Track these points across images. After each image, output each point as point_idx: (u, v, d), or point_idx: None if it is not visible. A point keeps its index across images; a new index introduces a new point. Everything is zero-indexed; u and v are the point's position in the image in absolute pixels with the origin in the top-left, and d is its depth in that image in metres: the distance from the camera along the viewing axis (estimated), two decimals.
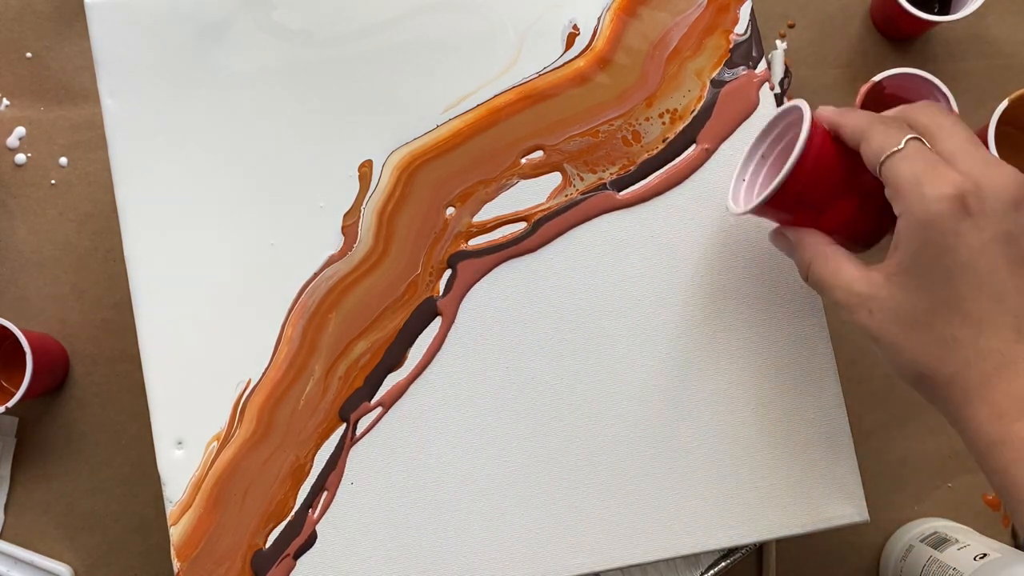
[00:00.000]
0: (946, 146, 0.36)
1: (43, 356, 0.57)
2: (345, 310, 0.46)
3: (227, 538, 0.45)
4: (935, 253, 0.34)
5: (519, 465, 0.46)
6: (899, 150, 0.36)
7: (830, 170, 0.39)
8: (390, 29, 0.48)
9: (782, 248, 0.41)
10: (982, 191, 0.34)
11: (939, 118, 0.37)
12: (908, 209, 0.35)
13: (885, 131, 0.37)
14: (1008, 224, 0.34)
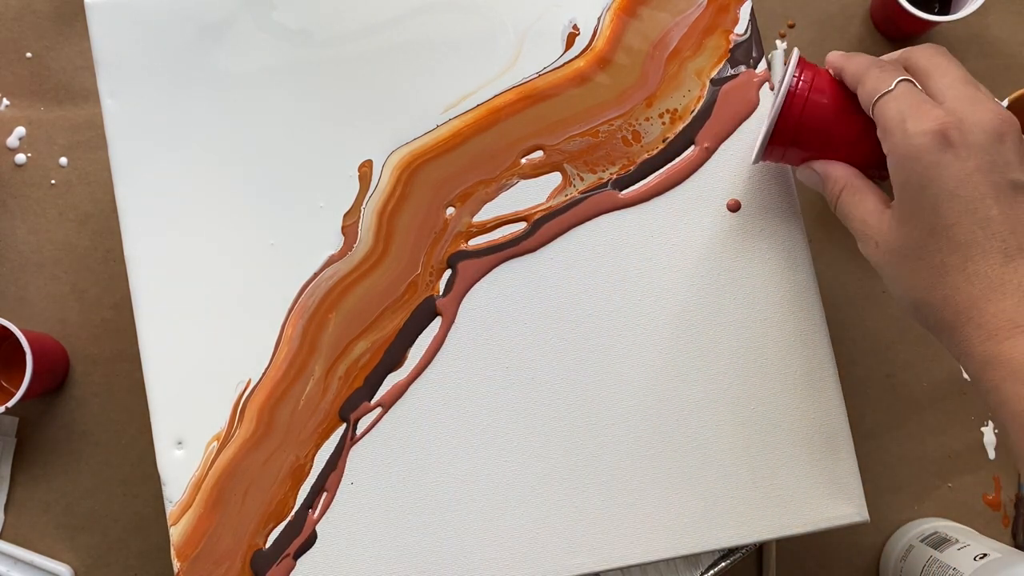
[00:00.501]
0: (938, 85, 0.38)
1: (43, 356, 0.57)
2: (345, 310, 0.46)
3: (227, 538, 0.45)
4: (920, 184, 0.36)
5: (519, 465, 0.46)
6: (889, 91, 0.38)
7: (834, 109, 0.41)
8: (390, 29, 0.48)
9: (810, 182, 0.42)
10: (964, 125, 0.35)
11: (935, 58, 0.39)
12: (893, 146, 0.37)
13: (879, 74, 0.39)
14: (991, 155, 0.35)
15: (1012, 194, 0.35)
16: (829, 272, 0.62)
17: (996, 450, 0.61)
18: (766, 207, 0.47)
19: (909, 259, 0.37)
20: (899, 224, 0.37)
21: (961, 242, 0.35)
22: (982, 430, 0.61)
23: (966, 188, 0.35)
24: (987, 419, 0.62)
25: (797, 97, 0.42)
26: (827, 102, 0.42)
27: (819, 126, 0.42)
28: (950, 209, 0.35)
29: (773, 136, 0.43)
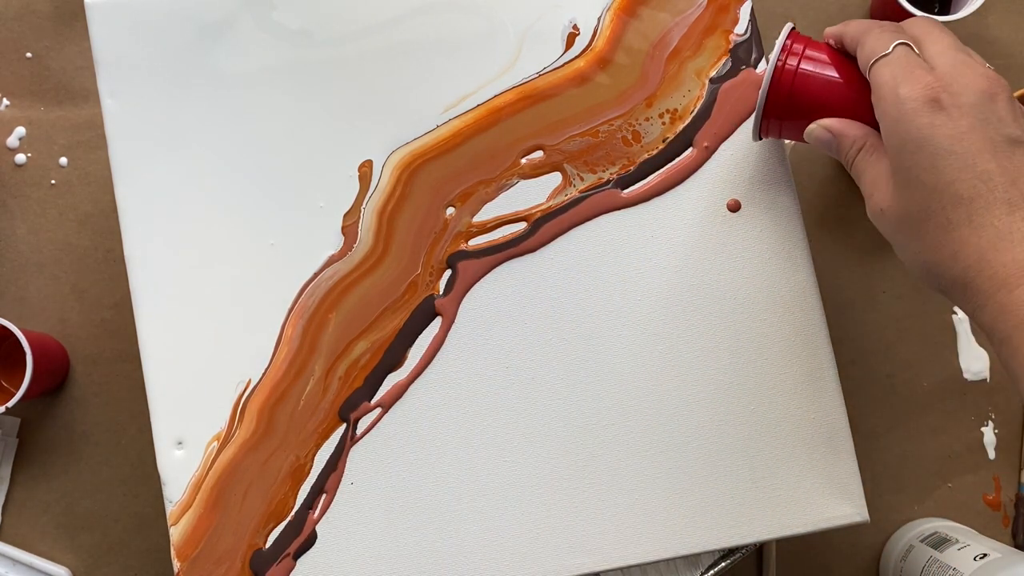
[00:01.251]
0: (930, 51, 0.38)
1: (43, 356, 0.57)
2: (345, 310, 0.46)
3: (227, 538, 0.45)
4: (916, 146, 0.36)
5: (519, 465, 0.46)
6: (886, 55, 0.38)
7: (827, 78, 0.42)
8: (390, 29, 0.48)
9: (822, 142, 0.42)
10: (954, 87, 0.36)
11: (928, 26, 0.40)
12: (885, 111, 0.37)
13: (878, 37, 0.39)
14: (984, 113, 0.36)
15: (1008, 148, 0.35)
16: (829, 272, 0.62)
17: (996, 450, 0.61)
18: (766, 207, 0.47)
19: (914, 221, 0.37)
20: (900, 189, 0.37)
21: (964, 196, 0.35)
22: (982, 430, 0.61)
23: (962, 144, 0.35)
24: (987, 419, 0.62)
25: (787, 69, 0.42)
26: (819, 71, 0.42)
27: (814, 94, 0.42)
28: (948, 166, 0.35)
29: (767, 109, 0.43)
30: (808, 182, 0.63)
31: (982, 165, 0.35)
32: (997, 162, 0.35)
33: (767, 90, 0.42)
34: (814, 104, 0.42)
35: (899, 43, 0.38)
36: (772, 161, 0.48)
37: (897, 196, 0.37)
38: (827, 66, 0.42)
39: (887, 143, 0.38)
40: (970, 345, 0.62)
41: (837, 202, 0.63)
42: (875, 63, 0.38)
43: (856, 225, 0.63)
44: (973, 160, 0.35)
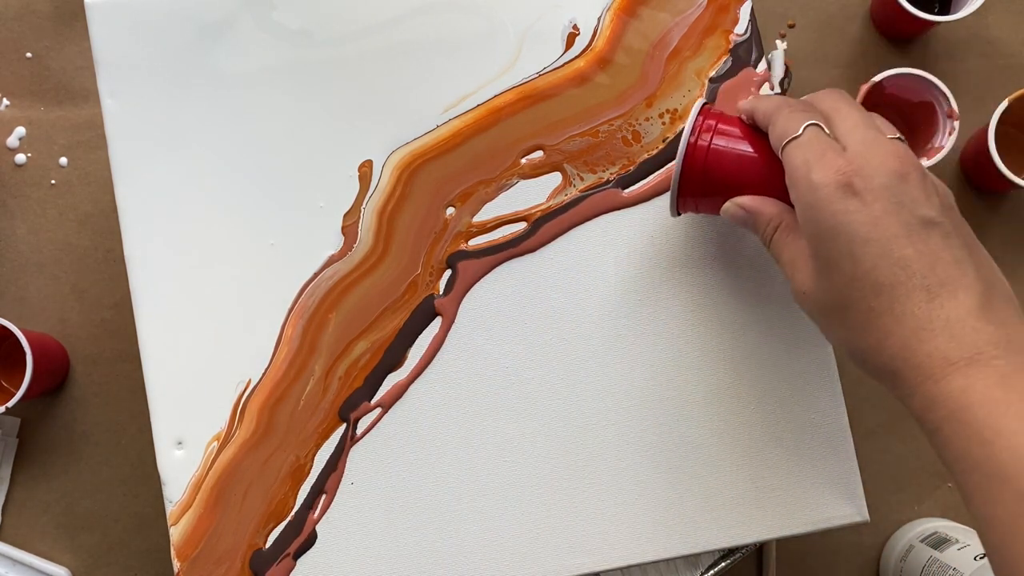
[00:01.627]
0: (841, 128, 0.37)
1: (43, 356, 0.57)
2: (345, 310, 0.46)
3: (227, 538, 0.45)
4: (831, 234, 0.35)
5: (519, 465, 0.46)
6: (797, 137, 0.37)
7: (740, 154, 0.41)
8: (390, 29, 0.48)
9: (738, 219, 0.41)
10: (866, 170, 0.35)
11: (837, 102, 0.39)
12: (799, 197, 0.36)
13: (788, 117, 0.38)
14: (897, 195, 0.35)
15: (923, 231, 0.34)
16: None
17: None
18: None
19: (837, 308, 0.36)
20: (820, 275, 0.36)
21: (884, 284, 0.34)
22: None
23: (877, 231, 0.34)
24: None
25: (699, 146, 0.41)
26: (732, 147, 0.41)
27: (727, 172, 0.41)
28: (866, 253, 0.34)
29: (681, 187, 0.42)
30: None
31: (899, 251, 0.34)
32: (914, 246, 0.34)
33: (680, 169, 0.41)
34: (728, 182, 0.41)
35: (809, 124, 0.37)
36: None
37: (818, 281, 0.36)
38: (740, 142, 0.41)
39: (803, 228, 0.37)
40: None
41: None
42: (786, 145, 0.37)
43: None
44: (890, 246, 0.34)
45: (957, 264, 0.34)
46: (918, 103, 0.60)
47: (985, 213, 0.63)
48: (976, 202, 0.63)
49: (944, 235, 0.35)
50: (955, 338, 0.33)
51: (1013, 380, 0.32)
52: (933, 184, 0.36)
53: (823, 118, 0.38)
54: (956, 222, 0.36)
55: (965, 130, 0.62)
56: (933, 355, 0.33)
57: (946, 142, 0.58)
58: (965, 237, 0.36)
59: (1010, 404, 0.31)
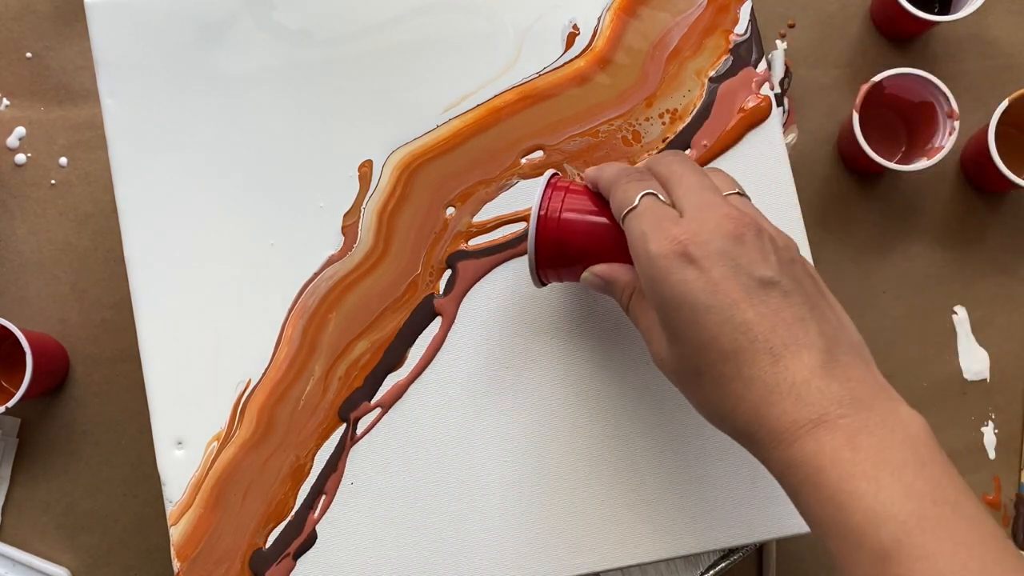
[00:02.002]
0: (676, 193, 0.37)
1: (43, 356, 0.57)
2: (345, 310, 0.46)
3: (227, 538, 0.45)
4: (674, 305, 0.35)
5: (519, 465, 0.46)
6: (634, 208, 0.37)
7: (590, 224, 0.40)
8: (390, 29, 0.48)
9: (596, 287, 0.41)
10: (700, 236, 0.35)
11: (673, 166, 0.39)
12: (641, 269, 0.36)
13: (625, 188, 0.38)
14: (734, 258, 0.35)
15: (763, 292, 0.34)
16: (829, 272, 0.62)
17: (996, 450, 0.61)
18: (766, 207, 0.47)
19: (690, 375, 0.36)
20: (671, 344, 0.36)
21: (729, 351, 0.34)
22: (982, 430, 0.61)
23: (717, 297, 0.34)
24: (987, 419, 0.62)
25: (549, 218, 0.41)
26: (582, 217, 0.41)
27: (580, 242, 0.41)
28: (709, 321, 0.34)
29: (538, 260, 0.41)
30: (808, 182, 0.63)
31: (740, 316, 0.34)
32: (754, 309, 0.34)
33: (534, 243, 0.41)
34: (582, 251, 0.41)
35: (644, 194, 0.37)
36: (772, 161, 0.48)
37: (671, 349, 0.36)
38: (590, 211, 0.41)
39: (649, 299, 0.37)
40: (970, 345, 0.62)
41: (837, 202, 0.63)
42: (625, 217, 0.37)
43: (856, 225, 0.63)
44: (731, 312, 0.34)
45: (799, 322, 0.34)
46: (918, 103, 0.60)
47: (985, 213, 0.63)
48: (976, 202, 0.63)
49: (784, 294, 0.34)
50: (801, 400, 0.33)
51: (860, 439, 0.32)
52: (772, 240, 0.36)
53: (661, 183, 0.38)
54: (797, 276, 0.36)
55: (965, 130, 0.63)
56: (783, 419, 0.33)
57: (946, 142, 0.58)
58: (807, 290, 0.35)
59: (857, 464, 0.31)
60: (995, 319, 0.62)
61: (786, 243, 0.37)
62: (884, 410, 0.33)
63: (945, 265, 0.63)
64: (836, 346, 0.34)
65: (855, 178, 0.63)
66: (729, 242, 0.35)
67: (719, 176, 0.39)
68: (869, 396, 0.33)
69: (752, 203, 0.38)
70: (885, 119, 0.63)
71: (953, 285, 0.63)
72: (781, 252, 0.36)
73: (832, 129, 0.64)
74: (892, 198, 0.63)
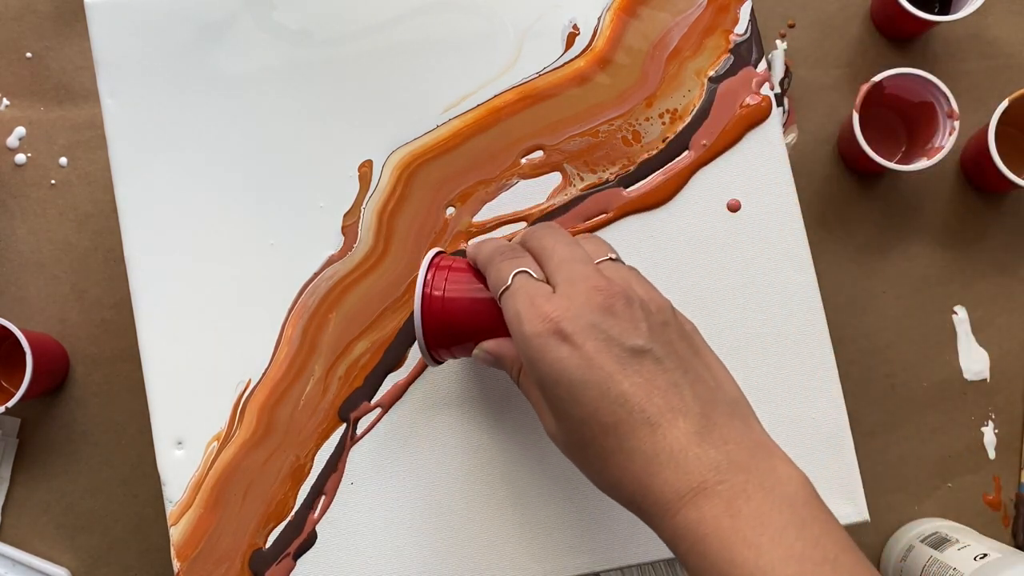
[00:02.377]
0: (548, 267, 0.37)
1: (43, 356, 0.57)
2: (345, 310, 0.46)
3: (227, 538, 0.45)
4: (553, 383, 0.35)
5: (519, 465, 0.46)
6: (508, 287, 0.37)
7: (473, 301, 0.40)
8: (390, 29, 0.48)
9: (487, 363, 0.41)
10: (571, 312, 0.35)
11: (544, 240, 0.39)
12: (519, 349, 0.36)
13: (499, 267, 0.38)
14: (605, 330, 0.34)
15: (635, 361, 0.34)
16: (829, 272, 0.62)
17: (996, 450, 0.61)
18: (766, 207, 0.47)
19: (578, 449, 0.36)
20: (556, 419, 0.36)
21: (608, 424, 0.34)
22: (982, 430, 0.61)
23: (592, 372, 0.34)
24: (987, 419, 0.62)
25: (433, 296, 0.40)
26: (466, 295, 0.40)
27: (466, 319, 0.40)
28: (587, 396, 0.34)
29: (427, 340, 0.41)
30: (808, 182, 0.63)
31: (616, 388, 0.34)
32: (629, 380, 0.34)
33: (420, 323, 0.40)
34: (470, 329, 0.40)
35: (517, 272, 0.37)
36: (772, 161, 0.48)
37: (557, 425, 0.36)
38: (474, 287, 0.40)
39: (529, 375, 0.36)
40: (970, 345, 0.62)
41: (837, 202, 0.63)
42: (501, 297, 0.37)
43: (856, 225, 0.63)
44: (607, 385, 0.34)
45: (674, 388, 0.34)
46: (918, 103, 0.60)
47: (985, 213, 0.63)
48: (976, 202, 0.63)
49: (656, 360, 0.34)
50: (680, 469, 0.33)
51: (739, 504, 0.32)
52: (643, 305, 0.36)
53: (535, 257, 0.38)
54: (669, 340, 0.35)
55: (965, 130, 0.63)
56: (666, 489, 0.33)
57: (946, 142, 0.58)
58: (681, 353, 0.35)
59: (738, 531, 0.31)
60: (995, 319, 0.62)
61: (659, 306, 0.36)
62: (762, 471, 0.33)
63: (945, 265, 0.63)
64: (712, 409, 0.34)
65: (855, 178, 0.63)
66: (600, 314, 0.35)
67: (592, 243, 0.39)
68: (747, 458, 0.33)
69: (625, 266, 0.38)
70: (885, 119, 0.63)
71: (953, 285, 0.63)
72: (653, 317, 0.36)
73: (832, 129, 0.64)
74: (892, 198, 0.63)
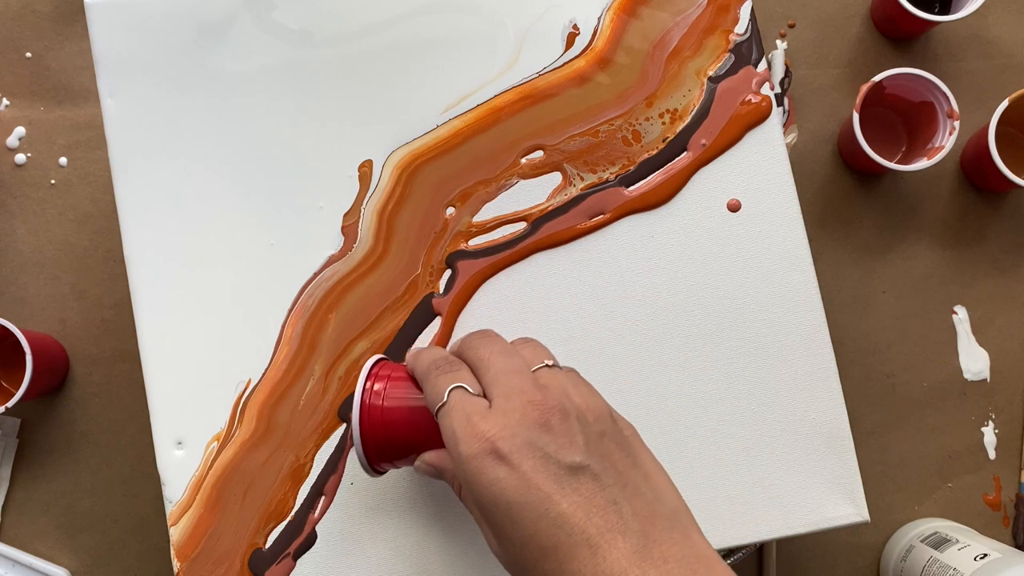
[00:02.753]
0: (484, 380, 0.37)
1: (43, 356, 0.57)
2: (345, 310, 0.46)
3: (227, 538, 0.45)
4: (490, 505, 0.34)
5: None
6: (443, 404, 0.36)
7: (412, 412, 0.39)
8: (390, 29, 0.48)
9: (431, 475, 0.40)
10: (507, 430, 0.34)
11: (480, 351, 0.38)
12: (456, 470, 0.35)
13: (435, 382, 0.37)
14: (541, 448, 0.34)
15: (572, 479, 0.33)
16: (829, 272, 0.62)
17: (996, 450, 0.61)
18: (766, 207, 0.47)
19: (520, 570, 0.35)
20: (497, 540, 0.35)
21: (548, 546, 0.33)
22: (982, 430, 0.61)
23: (530, 493, 0.33)
24: (987, 419, 0.62)
25: (372, 407, 0.39)
26: (405, 404, 0.39)
27: (407, 433, 0.39)
28: (525, 519, 0.33)
29: (367, 454, 0.40)
30: (808, 182, 0.63)
31: (555, 509, 0.33)
32: (567, 500, 0.33)
33: (359, 435, 0.39)
34: (411, 439, 0.39)
35: (453, 388, 0.36)
36: (772, 161, 0.48)
37: (498, 546, 0.35)
38: (413, 398, 0.39)
39: (472, 496, 0.35)
40: (970, 345, 0.62)
41: (837, 202, 0.63)
42: (437, 415, 0.36)
43: (856, 225, 0.63)
44: (545, 506, 0.33)
45: (612, 506, 0.33)
46: (918, 103, 0.60)
47: (985, 213, 0.63)
48: (976, 202, 0.63)
49: (594, 477, 0.34)
50: None
51: None
52: (579, 416, 0.35)
53: (471, 368, 0.38)
54: (607, 452, 0.35)
55: (965, 130, 0.63)
56: None
57: (946, 142, 0.58)
58: (619, 465, 0.35)
59: None
60: (995, 319, 0.62)
61: (597, 414, 0.36)
62: None
63: (945, 265, 0.63)
64: (651, 525, 0.34)
65: (855, 178, 0.63)
66: (536, 431, 0.34)
67: (528, 348, 0.38)
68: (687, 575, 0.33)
69: (563, 371, 0.37)
70: (885, 119, 0.63)
71: (953, 285, 0.63)
72: (590, 428, 0.35)
73: (832, 129, 0.64)
74: (892, 198, 0.63)
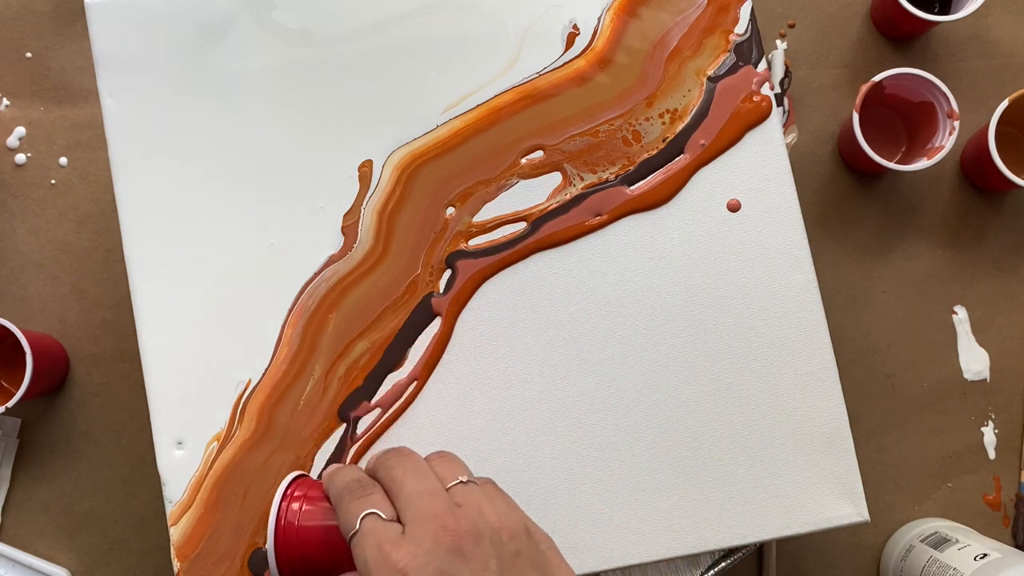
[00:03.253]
0: (399, 503, 0.36)
1: (43, 356, 0.57)
2: (345, 310, 0.46)
3: (227, 538, 0.45)
4: None
5: (518, 464, 0.46)
6: (356, 532, 0.35)
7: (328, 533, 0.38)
8: (390, 29, 0.48)
9: None
10: (417, 559, 0.33)
11: (393, 471, 0.37)
12: None
13: (348, 508, 0.36)
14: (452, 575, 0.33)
15: None
16: (829, 272, 0.62)
17: (996, 450, 0.61)
18: (766, 207, 0.47)
19: None
20: None
21: None
22: (982, 430, 0.61)
23: None
24: (987, 419, 0.62)
25: (288, 526, 0.38)
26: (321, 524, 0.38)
27: (324, 554, 0.38)
28: None
29: (281, 572, 0.38)
30: (808, 182, 0.63)
31: None
32: None
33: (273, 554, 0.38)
34: (327, 560, 0.38)
35: (366, 514, 0.35)
36: (772, 161, 0.48)
37: None
38: (328, 517, 0.38)
39: None
40: (970, 345, 0.62)
41: (837, 202, 0.63)
42: (351, 542, 0.35)
43: (856, 225, 0.63)
44: None
45: None
46: (918, 103, 0.60)
47: (985, 213, 0.63)
48: (976, 202, 0.63)
49: None
50: None
51: None
52: (492, 537, 0.35)
53: (385, 489, 0.37)
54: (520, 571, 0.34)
55: (965, 130, 0.63)
56: None
57: (946, 142, 0.58)
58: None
59: None
60: (995, 319, 0.62)
61: (511, 532, 0.35)
62: None
63: (945, 265, 0.63)
64: None
65: (855, 178, 0.63)
66: (448, 559, 0.33)
67: (443, 464, 0.38)
68: None
69: (478, 487, 0.37)
70: (885, 119, 0.63)
71: (953, 285, 0.63)
72: (504, 549, 0.34)
73: (832, 129, 0.64)
74: (892, 198, 0.63)
